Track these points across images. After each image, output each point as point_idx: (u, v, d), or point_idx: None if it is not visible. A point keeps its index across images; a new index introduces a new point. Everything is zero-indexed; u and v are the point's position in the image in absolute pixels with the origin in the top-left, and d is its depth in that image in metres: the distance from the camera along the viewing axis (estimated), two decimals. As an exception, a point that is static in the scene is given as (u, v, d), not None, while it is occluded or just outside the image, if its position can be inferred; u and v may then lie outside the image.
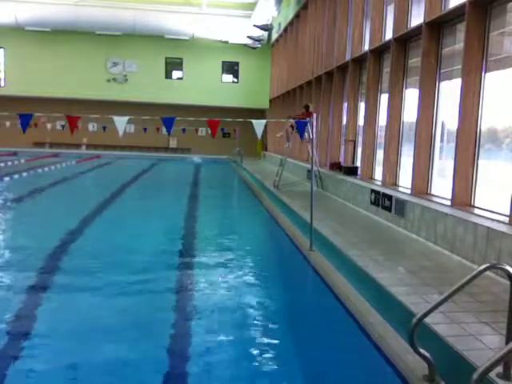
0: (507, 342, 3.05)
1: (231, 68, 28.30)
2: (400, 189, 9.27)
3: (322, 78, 15.12)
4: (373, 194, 9.31)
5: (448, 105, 8.09)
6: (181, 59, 27.67)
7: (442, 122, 8.43)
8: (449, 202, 7.29)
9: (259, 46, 26.46)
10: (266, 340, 4.16)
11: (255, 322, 4.56)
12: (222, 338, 4.16)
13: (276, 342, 4.14)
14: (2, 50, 26.86)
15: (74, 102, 26.31)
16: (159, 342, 4.02)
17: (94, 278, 5.59)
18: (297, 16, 19.58)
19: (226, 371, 3.61)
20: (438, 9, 8.17)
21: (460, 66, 7.32)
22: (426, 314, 3.16)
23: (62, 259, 6.49)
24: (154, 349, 3.90)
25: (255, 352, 3.91)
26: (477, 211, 6.71)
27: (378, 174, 10.67)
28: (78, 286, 5.36)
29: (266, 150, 26.20)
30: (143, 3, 24.59)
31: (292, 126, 12.64)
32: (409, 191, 8.64)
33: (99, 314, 4.62)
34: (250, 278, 5.92)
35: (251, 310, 4.86)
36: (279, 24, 23.58)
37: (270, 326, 4.50)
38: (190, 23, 25.46)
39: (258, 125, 6.77)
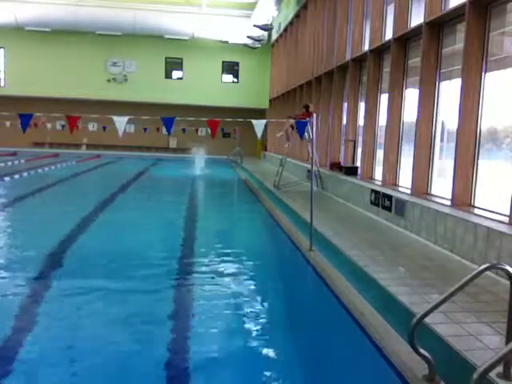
0: (507, 342, 3.05)
1: (231, 68, 28.29)
2: (400, 189, 9.27)
3: (321, 78, 15.11)
4: (373, 194, 9.31)
5: (448, 105, 8.08)
6: (181, 59, 27.67)
7: (442, 122, 8.43)
8: (449, 202, 7.29)
9: (259, 45, 26.46)
10: (265, 340, 4.16)
11: (255, 321, 4.55)
12: (222, 337, 4.16)
13: (276, 342, 4.14)
14: (2, 50, 26.86)
15: (74, 101, 26.30)
16: (159, 343, 4.02)
17: (92, 279, 5.60)
18: (297, 16, 19.58)
19: (225, 371, 3.61)
20: (438, 9, 8.17)
21: (460, 66, 7.31)
22: (426, 314, 3.16)
23: (62, 259, 6.49)
24: (154, 350, 3.90)
25: (255, 352, 3.91)
26: (477, 211, 6.71)
27: (378, 174, 10.67)
28: (77, 286, 5.35)
29: (266, 150, 26.19)
30: (143, 3, 24.59)
31: (292, 126, 12.63)
32: (409, 191, 8.63)
33: (98, 314, 4.62)
34: (250, 278, 5.91)
35: (251, 310, 4.86)
36: (279, 24, 23.57)
37: (270, 325, 4.50)
38: (189, 23, 25.45)
39: (258, 125, 6.77)
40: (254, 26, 24.23)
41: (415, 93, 8.75)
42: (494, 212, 6.48)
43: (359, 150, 12.07)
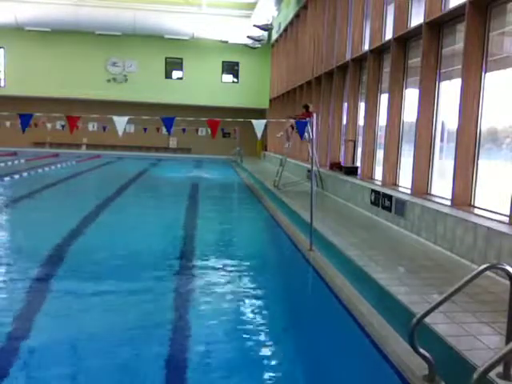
0: (507, 342, 3.05)
1: (231, 68, 28.30)
2: (400, 189, 9.27)
3: (321, 78, 15.11)
4: (373, 194, 9.31)
5: (448, 105, 8.08)
6: (181, 59, 27.67)
7: (442, 122, 8.43)
8: (449, 202, 7.29)
9: (259, 46, 26.45)
10: (265, 340, 4.16)
11: (254, 321, 4.56)
12: (222, 337, 4.16)
13: (276, 342, 4.14)
14: (1, 50, 26.85)
15: (74, 101, 26.31)
16: (158, 346, 4.02)
17: (91, 279, 5.60)
18: (297, 16, 19.57)
19: (225, 372, 3.61)
20: (437, 9, 8.17)
21: (460, 66, 7.31)
22: (426, 314, 3.16)
23: (61, 259, 6.49)
24: (154, 352, 3.90)
25: (254, 352, 3.91)
26: (477, 211, 6.71)
27: (378, 174, 10.66)
28: (76, 286, 5.36)
29: (266, 150, 26.20)
30: (143, 3, 24.58)
31: (292, 126, 12.64)
32: (409, 191, 8.63)
33: (97, 315, 4.62)
34: (250, 278, 5.91)
35: (251, 310, 4.86)
36: (279, 24, 23.57)
37: (270, 325, 4.50)
38: (189, 23, 25.44)
39: (258, 125, 6.77)
40: (254, 25, 24.21)
41: (415, 93, 8.75)
42: (494, 212, 6.47)
43: (359, 150, 12.07)
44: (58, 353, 3.79)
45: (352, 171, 11.87)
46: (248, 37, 25.28)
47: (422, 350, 3.16)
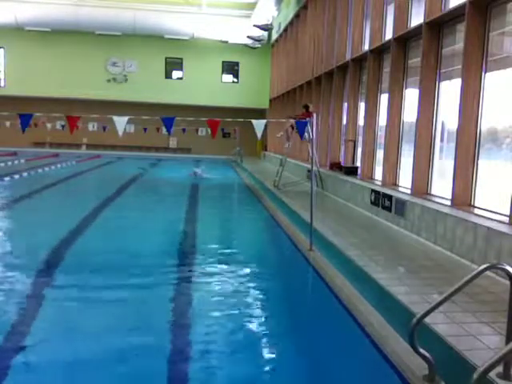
0: (507, 342, 3.05)
1: (231, 68, 28.30)
2: (400, 189, 9.27)
3: (321, 77, 15.11)
4: (373, 194, 9.31)
5: (448, 105, 8.08)
6: (181, 59, 27.68)
7: (442, 122, 8.43)
8: (449, 202, 7.29)
9: (259, 46, 26.46)
10: (265, 340, 4.16)
11: (254, 321, 4.56)
12: (222, 337, 4.16)
13: (276, 342, 4.14)
14: (1, 50, 26.85)
15: (74, 101, 26.31)
16: (158, 349, 4.02)
17: (91, 280, 5.60)
18: (297, 16, 19.58)
19: (226, 372, 3.61)
20: (437, 9, 8.17)
21: (460, 66, 7.31)
22: (426, 314, 3.16)
23: (60, 260, 6.49)
24: (154, 352, 3.90)
25: (254, 352, 3.91)
26: (477, 211, 6.71)
27: (378, 174, 10.66)
28: (75, 286, 5.36)
29: (266, 150, 26.20)
30: (143, 3, 24.58)
31: (292, 126, 12.64)
32: (409, 191, 8.63)
33: (96, 316, 4.62)
34: (249, 278, 5.91)
35: (250, 310, 4.86)
36: (279, 24, 23.57)
37: (270, 325, 4.50)
38: (189, 23, 25.45)
39: (258, 125, 6.77)
40: (254, 25, 24.22)
41: (415, 93, 8.75)
42: (494, 212, 6.47)
43: (359, 150, 12.07)
44: (57, 354, 3.78)
45: (352, 171, 11.87)
46: (248, 37, 25.29)
47: (422, 350, 3.16)
